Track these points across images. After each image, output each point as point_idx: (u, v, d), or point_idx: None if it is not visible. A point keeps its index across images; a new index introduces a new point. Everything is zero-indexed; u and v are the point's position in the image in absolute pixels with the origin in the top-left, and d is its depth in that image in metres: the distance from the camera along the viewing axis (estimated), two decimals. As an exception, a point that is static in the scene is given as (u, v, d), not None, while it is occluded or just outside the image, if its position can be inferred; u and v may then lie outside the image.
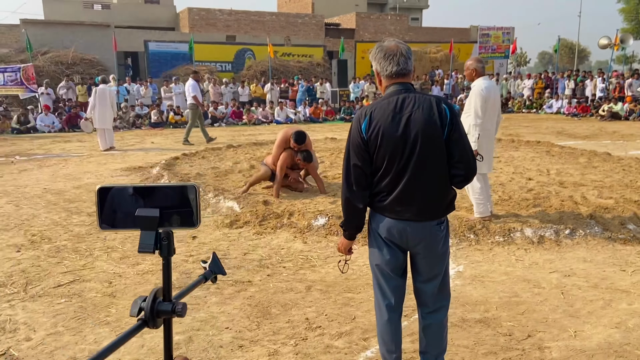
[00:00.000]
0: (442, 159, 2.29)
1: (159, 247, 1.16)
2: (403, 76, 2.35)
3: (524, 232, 4.96)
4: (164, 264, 1.18)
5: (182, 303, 1.17)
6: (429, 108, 2.27)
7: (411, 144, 2.25)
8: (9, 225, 5.54)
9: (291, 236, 5.18)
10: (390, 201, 2.31)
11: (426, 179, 2.29)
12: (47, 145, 12.30)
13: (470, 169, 2.33)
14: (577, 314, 3.45)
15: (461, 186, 2.38)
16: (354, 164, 2.32)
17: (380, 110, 2.29)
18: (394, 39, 2.43)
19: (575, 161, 8.81)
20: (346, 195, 2.36)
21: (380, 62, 2.37)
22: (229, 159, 9.35)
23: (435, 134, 2.26)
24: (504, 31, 28.37)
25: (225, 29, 27.45)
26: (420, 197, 2.30)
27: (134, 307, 1.14)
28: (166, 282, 1.19)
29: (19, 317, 3.47)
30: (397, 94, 2.32)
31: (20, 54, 20.41)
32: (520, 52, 59.52)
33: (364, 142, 2.29)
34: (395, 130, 2.25)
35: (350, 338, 3.17)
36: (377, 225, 2.40)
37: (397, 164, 2.27)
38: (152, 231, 1.14)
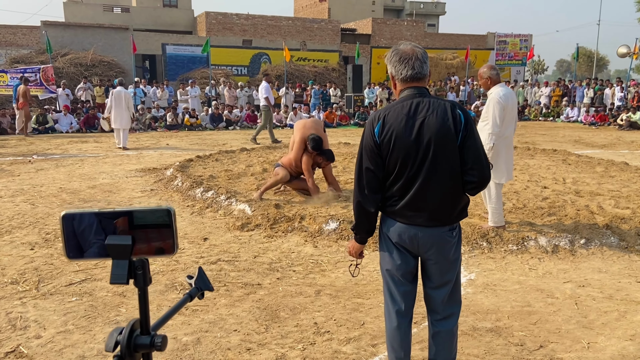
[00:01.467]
0: (455, 165, 2.25)
1: (134, 277, 1.07)
2: (418, 80, 2.31)
3: (538, 241, 4.88)
4: (140, 294, 1.10)
5: (161, 336, 1.09)
6: (444, 113, 2.24)
7: (424, 148, 2.22)
8: (24, 224, 5.61)
9: (302, 240, 5.16)
10: (401, 206, 2.29)
11: (438, 184, 2.25)
12: (64, 145, 12.46)
13: (484, 176, 2.28)
14: (591, 325, 3.39)
15: (474, 193, 2.34)
16: (367, 167, 2.30)
17: (393, 114, 2.26)
18: (410, 42, 2.39)
19: (592, 170, 8.68)
20: (358, 199, 2.34)
21: (395, 66, 2.33)
22: (242, 162, 9.38)
23: (449, 140, 2.22)
24: (522, 38, 28.19)
25: (241, 33, 27.62)
26: (432, 202, 2.27)
27: (109, 340, 1.05)
28: (143, 314, 1.10)
29: (29, 314, 3.50)
30: (412, 98, 2.29)
31: (40, 55, 20.77)
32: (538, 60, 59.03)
33: (377, 146, 2.26)
34: (409, 135, 2.22)
35: (358, 344, 3.15)
36: (388, 229, 2.38)
37: (409, 169, 2.24)
38: (124, 260, 1.06)
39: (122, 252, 1.05)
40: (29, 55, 21.07)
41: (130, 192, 7.22)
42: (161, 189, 7.39)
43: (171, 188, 7.35)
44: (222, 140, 13.74)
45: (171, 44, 23.57)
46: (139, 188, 7.49)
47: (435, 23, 48.42)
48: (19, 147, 12.07)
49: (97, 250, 1.07)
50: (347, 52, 27.74)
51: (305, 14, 40.19)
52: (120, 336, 1.05)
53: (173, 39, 24.36)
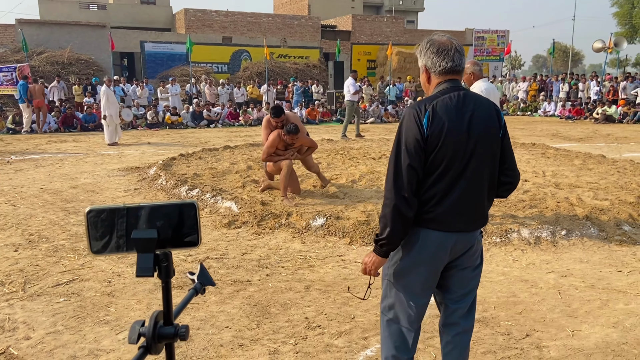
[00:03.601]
0: (496, 164, 2.14)
1: (158, 270, 1.10)
2: (457, 73, 2.15)
3: (520, 233, 4.99)
4: (164, 286, 1.12)
5: (184, 326, 1.12)
6: (488, 108, 2.12)
7: (472, 145, 2.04)
8: (6, 225, 5.52)
9: (289, 236, 5.19)
10: (442, 211, 2.05)
11: (480, 185, 2.10)
12: (42, 145, 12.25)
13: (517, 178, 2.20)
14: (575, 314, 3.48)
15: (507, 195, 2.24)
16: (409, 164, 2.01)
17: (442, 105, 2.04)
18: (444, 34, 2.22)
19: (570, 163, 8.87)
20: (394, 202, 2.02)
21: (431, 58, 2.14)
22: (226, 159, 9.35)
23: (494, 136, 2.10)
24: (499, 34, 28.50)
25: (221, 30, 27.45)
26: (473, 205, 2.09)
27: (132, 333, 1.07)
28: (166, 305, 1.12)
29: (17, 316, 3.46)
30: (456, 89, 2.10)
31: (16, 53, 20.34)
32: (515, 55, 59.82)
33: (424, 139, 2.01)
34: (460, 129, 2.03)
35: (350, 337, 3.19)
36: (423, 241, 2.09)
37: (455, 167, 2.03)
38: (149, 254, 1.08)
39: (147, 245, 1.07)
40: (4, 54, 20.61)
41: (113, 192, 7.15)
42: (145, 188, 7.33)
43: (155, 187, 7.30)
44: (205, 138, 13.66)
45: (150, 42, 23.28)
46: (122, 187, 7.42)
47: (415, 19, 48.71)
48: (-5, 148, 11.83)
49: (122, 244, 1.09)
50: (327, 48, 27.76)
51: (285, 11, 40.07)
52: (142, 328, 1.07)
53: (152, 37, 24.07)
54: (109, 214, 1.08)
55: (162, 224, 1.09)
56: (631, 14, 40.53)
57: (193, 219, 1.11)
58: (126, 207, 1.09)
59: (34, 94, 14.72)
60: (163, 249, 1.10)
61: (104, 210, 1.09)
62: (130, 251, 1.09)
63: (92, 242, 1.09)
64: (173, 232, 1.10)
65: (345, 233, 5.11)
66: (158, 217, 1.10)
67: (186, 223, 1.11)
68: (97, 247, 1.09)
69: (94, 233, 1.08)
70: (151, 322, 1.07)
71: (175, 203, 1.11)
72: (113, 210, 1.09)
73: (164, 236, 1.09)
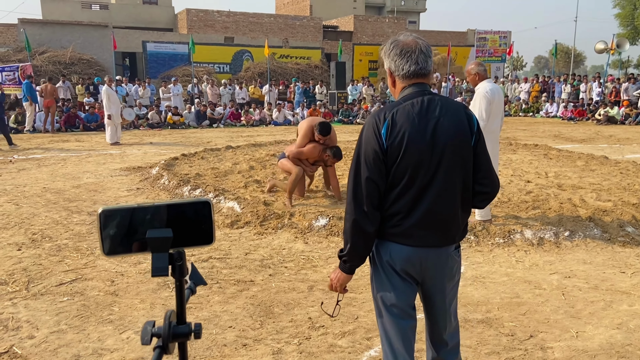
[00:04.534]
0: (469, 173, 1.98)
1: (172, 269, 1.08)
2: (423, 76, 2.00)
3: (523, 234, 4.99)
4: (177, 285, 1.10)
5: (198, 324, 1.11)
6: (458, 113, 1.96)
7: (439, 154, 1.90)
8: (9, 224, 5.53)
9: (292, 237, 5.19)
10: (410, 225, 1.93)
11: (452, 196, 1.95)
12: (45, 145, 12.27)
13: (495, 186, 2.05)
14: (579, 315, 3.48)
15: (483, 205, 2.10)
16: (367, 177, 1.90)
17: (403, 113, 1.91)
18: (411, 33, 2.06)
19: (573, 164, 8.86)
20: (354, 217, 1.92)
21: (395, 60, 2.00)
22: (228, 159, 9.36)
23: (465, 144, 1.95)
24: (501, 35, 28.52)
25: (223, 30, 27.45)
26: (444, 218, 1.95)
27: (144, 334, 1.05)
28: (179, 304, 1.11)
29: (21, 315, 3.46)
30: (421, 95, 1.96)
31: (18, 53, 20.38)
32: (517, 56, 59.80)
33: (383, 151, 1.89)
34: (423, 138, 1.89)
35: (353, 337, 3.19)
36: (390, 256, 1.98)
37: (421, 179, 1.90)
38: (164, 253, 1.06)
39: (162, 245, 1.06)
40: (6, 54, 20.66)
41: (116, 192, 7.15)
42: (147, 188, 7.33)
43: (158, 187, 7.30)
44: (207, 139, 13.67)
45: (152, 42, 23.31)
46: (125, 187, 7.43)
47: (416, 20, 48.73)
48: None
49: (135, 244, 1.08)
50: (329, 49, 27.77)
51: (287, 11, 40.09)
52: (155, 328, 1.06)
53: (154, 37, 24.09)
54: (122, 214, 1.07)
55: (177, 222, 1.09)
56: (633, 16, 40.50)
57: (207, 217, 1.11)
58: (140, 207, 1.08)
59: (45, 93, 14.75)
60: (177, 247, 1.09)
61: (117, 211, 1.07)
62: (145, 251, 1.08)
63: (105, 243, 1.07)
64: (187, 230, 1.10)
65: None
66: (172, 216, 1.09)
67: (200, 221, 1.11)
68: (111, 248, 1.08)
69: (107, 234, 1.07)
70: (165, 322, 1.06)
71: (189, 201, 1.10)
72: (126, 210, 1.07)
73: (178, 235, 1.08)
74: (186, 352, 1.13)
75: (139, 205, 1.08)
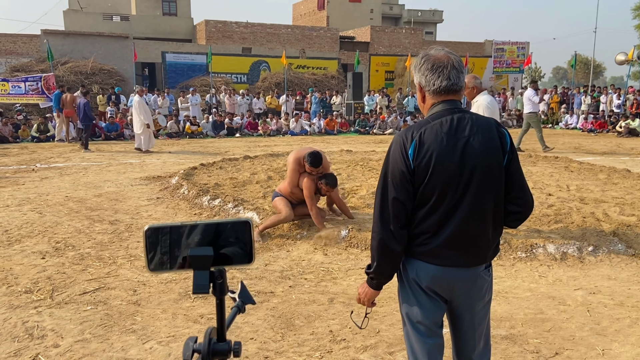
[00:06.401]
0: (500, 193, 1.94)
1: (212, 287, 1.10)
2: (454, 93, 1.96)
3: (546, 248, 4.92)
4: (218, 303, 1.12)
5: (238, 342, 1.12)
6: (489, 131, 1.92)
7: (468, 174, 1.87)
8: (33, 232, 5.62)
9: (311, 248, 5.19)
10: (437, 245, 1.91)
11: (481, 216, 1.92)
12: (66, 154, 12.47)
13: (528, 206, 2.00)
14: (604, 332, 3.42)
15: (516, 225, 2.04)
16: (394, 197, 1.89)
17: (431, 133, 1.88)
18: (443, 47, 2.02)
19: (594, 177, 8.74)
20: (381, 236, 1.92)
21: (425, 75, 1.96)
22: (246, 169, 9.41)
23: (496, 163, 1.91)
24: (519, 46, 28.39)
25: (241, 41, 27.75)
26: (473, 239, 1.93)
27: (186, 350, 1.07)
28: (220, 322, 1.13)
29: (46, 323, 3.51)
30: (450, 113, 1.93)
31: (41, 63, 20.82)
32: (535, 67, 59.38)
33: (410, 171, 1.88)
34: (452, 158, 1.86)
35: (375, 351, 3.17)
36: (416, 273, 1.97)
37: (449, 199, 1.88)
38: (205, 271, 1.09)
39: (203, 263, 1.08)
40: (29, 64, 21.12)
41: (136, 201, 7.24)
42: (167, 197, 7.41)
43: (177, 196, 7.37)
44: (224, 148, 13.78)
45: (171, 52, 23.66)
46: (145, 196, 7.51)
47: (433, 31, 48.73)
48: (21, 156, 12.07)
49: (179, 262, 1.10)
50: (345, 59, 27.88)
51: (304, 22, 40.40)
52: (196, 345, 1.08)
53: (173, 47, 24.46)
54: (166, 232, 1.10)
55: (217, 241, 1.11)
56: (654, 26, 39.96)
57: (247, 237, 1.12)
58: (183, 225, 1.10)
59: (65, 103, 15.00)
60: (218, 266, 1.11)
61: (161, 228, 1.10)
62: (187, 268, 1.10)
63: (150, 259, 1.10)
64: (228, 249, 1.12)
65: (368, 245, 5.09)
66: (213, 235, 1.11)
67: (240, 240, 1.12)
68: (155, 264, 1.11)
69: (151, 250, 1.10)
70: (206, 339, 1.08)
71: (230, 221, 1.13)
72: (170, 228, 1.10)
73: (219, 253, 1.10)
74: None
75: (182, 224, 1.10)
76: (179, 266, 1.11)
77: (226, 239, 1.12)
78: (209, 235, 1.11)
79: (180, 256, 1.10)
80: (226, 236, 1.12)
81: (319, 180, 5.53)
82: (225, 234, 1.12)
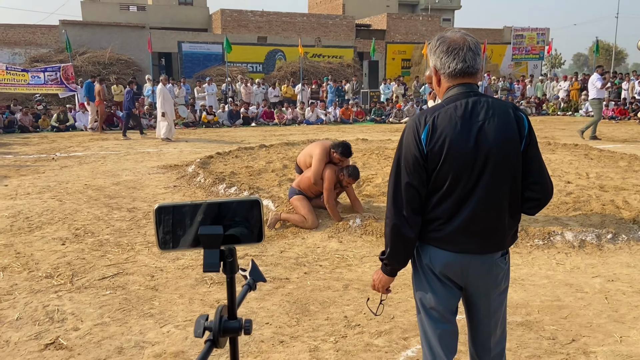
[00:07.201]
0: (517, 179, 1.90)
1: (223, 265, 1.11)
2: (470, 76, 1.91)
3: (564, 236, 4.86)
4: (228, 281, 1.13)
5: (248, 320, 1.13)
6: (506, 115, 1.87)
7: (483, 159, 1.83)
8: (54, 219, 5.72)
9: (326, 235, 5.20)
10: (450, 231, 1.89)
11: (497, 203, 1.88)
12: (85, 143, 12.64)
13: (547, 193, 1.94)
14: (622, 320, 3.38)
15: (534, 212, 1.99)
16: (407, 182, 1.87)
17: (445, 117, 1.85)
18: (460, 29, 1.98)
19: (615, 165, 8.59)
20: (394, 222, 1.90)
21: (441, 58, 1.92)
22: (262, 158, 9.44)
23: (513, 148, 1.86)
24: (539, 32, 27.85)
25: (256, 30, 27.71)
26: (488, 225, 1.89)
27: (197, 327, 1.09)
28: (230, 300, 1.14)
29: (66, 307, 3.58)
30: (465, 96, 1.88)
31: (59, 53, 21.05)
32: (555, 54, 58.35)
33: (423, 157, 1.85)
34: (466, 142, 1.82)
35: (390, 337, 3.18)
36: (430, 260, 1.95)
37: (463, 185, 1.85)
38: (216, 249, 1.10)
39: (213, 241, 1.09)
40: (48, 54, 21.38)
41: (153, 189, 7.32)
42: (184, 186, 7.48)
43: (194, 184, 7.43)
44: (240, 137, 13.83)
45: (187, 42, 23.73)
46: (162, 184, 7.59)
47: (451, 18, 48.00)
48: (41, 145, 12.27)
49: (189, 240, 1.11)
50: (361, 47, 27.68)
51: (320, 10, 40.13)
52: (207, 322, 1.09)
53: (189, 37, 24.52)
54: (176, 211, 1.11)
55: (227, 220, 1.11)
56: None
57: (257, 216, 1.13)
58: (193, 204, 1.11)
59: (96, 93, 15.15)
60: (228, 244, 1.11)
61: (171, 207, 1.11)
62: (197, 247, 1.11)
63: (161, 238, 1.11)
64: (237, 228, 1.12)
65: (383, 233, 5.08)
66: (223, 214, 1.11)
67: (250, 219, 1.13)
68: (166, 243, 1.11)
69: (162, 229, 1.11)
70: (217, 316, 1.09)
71: (239, 200, 1.13)
72: (180, 207, 1.11)
73: (228, 232, 1.11)
74: (237, 348, 1.16)
75: (192, 203, 1.11)
76: (190, 245, 1.11)
77: (236, 218, 1.12)
78: (218, 214, 1.11)
79: (191, 235, 1.10)
80: (236, 215, 1.12)
81: (341, 172, 5.45)
82: (234, 213, 1.12)
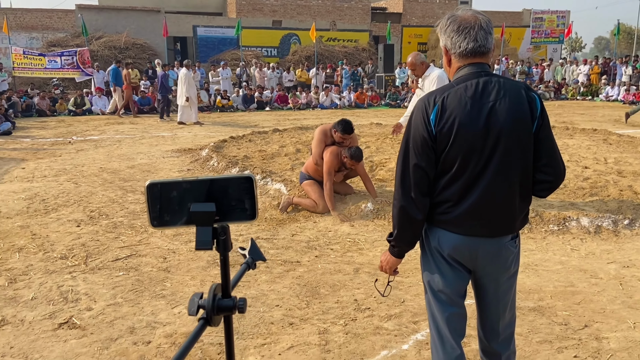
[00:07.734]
0: (528, 161, 1.86)
1: (216, 243, 1.10)
2: (481, 55, 1.86)
3: (579, 222, 4.79)
4: (222, 259, 1.12)
5: (242, 298, 1.13)
6: (517, 96, 1.82)
7: (493, 140, 1.79)
8: (69, 202, 5.80)
9: (338, 219, 5.18)
10: (459, 214, 1.85)
11: (507, 185, 1.84)
12: (101, 127, 12.75)
13: (559, 175, 1.90)
14: (637, 306, 3.32)
15: (546, 194, 1.95)
16: (415, 164, 1.84)
17: (454, 97, 1.80)
18: (470, 8, 1.93)
19: (634, 150, 8.41)
20: (401, 203, 1.88)
21: (451, 37, 1.87)
22: (275, 142, 9.44)
23: (524, 129, 1.82)
24: (559, 15, 27.24)
25: (271, 14, 27.51)
26: (498, 208, 1.85)
27: (191, 305, 1.08)
28: (224, 278, 1.13)
29: (80, 287, 3.64)
30: (476, 76, 1.83)
31: (76, 38, 21.14)
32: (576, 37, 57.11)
33: (432, 138, 1.81)
34: (475, 123, 1.78)
35: (400, 320, 3.17)
36: (438, 242, 1.93)
37: (472, 167, 1.81)
38: (208, 227, 1.08)
39: (206, 218, 1.08)
40: (64, 39, 21.49)
41: (167, 172, 7.36)
42: (198, 169, 7.51)
43: (207, 168, 7.46)
44: (254, 121, 13.83)
45: (202, 26, 23.67)
46: (176, 168, 7.63)
47: (468, 0, 47.16)
48: (58, 129, 12.41)
49: (181, 217, 1.09)
50: (377, 31, 27.35)
51: (335, -6, 39.66)
52: (201, 300, 1.08)
53: (204, 21, 24.44)
54: (168, 188, 1.09)
55: (220, 197, 1.09)
56: None
57: (250, 193, 1.11)
58: (185, 181, 1.09)
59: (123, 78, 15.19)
60: (221, 222, 1.10)
61: (164, 184, 1.09)
62: (189, 224, 1.09)
63: (153, 215, 1.10)
64: (230, 205, 1.10)
65: (395, 217, 5.05)
66: (216, 191, 1.09)
67: (243, 196, 1.11)
68: (158, 220, 1.10)
69: (154, 206, 1.09)
70: (210, 295, 1.08)
71: (232, 177, 1.11)
72: (172, 183, 1.09)
73: (221, 209, 1.09)
74: (231, 326, 1.16)
75: (184, 179, 1.09)
76: (182, 222, 1.10)
77: (229, 195, 1.10)
78: (211, 191, 1.09)
79: (183, 212, 1.09)
80: (229, 192, 1.10)
81: (344, 153, 5.21)
82: (228, 190, 1.10)
